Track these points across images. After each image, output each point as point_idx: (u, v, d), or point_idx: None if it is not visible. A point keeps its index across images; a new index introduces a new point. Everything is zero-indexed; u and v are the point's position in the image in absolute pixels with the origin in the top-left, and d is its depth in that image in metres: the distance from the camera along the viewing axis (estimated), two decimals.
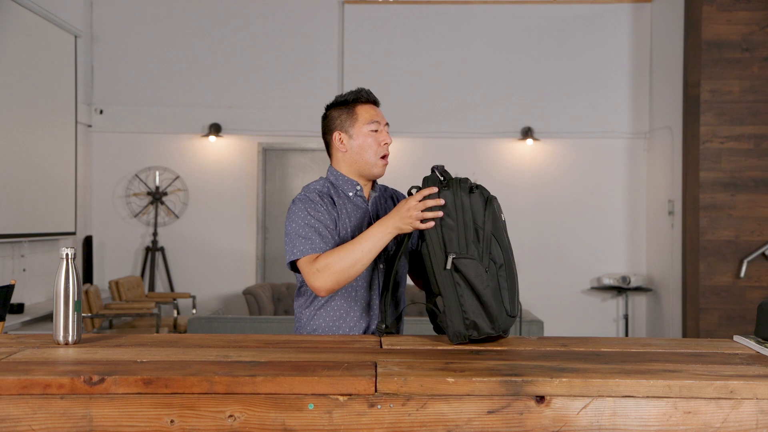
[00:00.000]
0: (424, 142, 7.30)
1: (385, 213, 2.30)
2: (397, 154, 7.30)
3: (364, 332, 2.22)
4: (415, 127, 7.26)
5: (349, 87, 7.19)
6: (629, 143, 7.28)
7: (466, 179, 2.01)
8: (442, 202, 1.95)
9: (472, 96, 7.29)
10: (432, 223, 1.95)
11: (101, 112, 7.27)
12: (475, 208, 1.97)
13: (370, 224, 2.23)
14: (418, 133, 7.27)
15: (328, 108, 2.31)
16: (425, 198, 1.97)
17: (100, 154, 7.33)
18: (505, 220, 2.06)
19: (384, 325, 2.08)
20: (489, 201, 1.99)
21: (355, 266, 2.03)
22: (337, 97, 2.30)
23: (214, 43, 7.33)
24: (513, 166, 7.30)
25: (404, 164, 7.21)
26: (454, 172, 7.63)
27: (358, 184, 2.26)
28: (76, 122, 6.74)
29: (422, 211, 1.96)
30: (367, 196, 2.29)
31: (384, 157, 2.25)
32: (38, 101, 6.12)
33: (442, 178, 2.00)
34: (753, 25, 5.90)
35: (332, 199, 2.23)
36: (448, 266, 1.92)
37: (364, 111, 2.24)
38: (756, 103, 5.92)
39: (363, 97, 2.26)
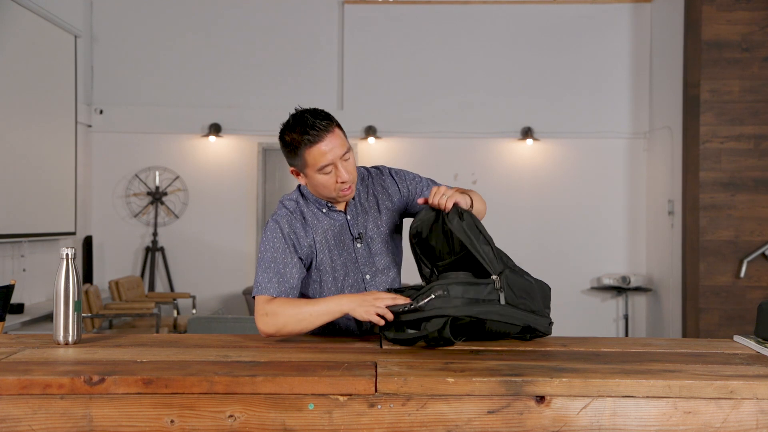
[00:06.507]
0: (424, 142, 7.30)
1: (369, 208, 2.20)
2: (397, 154, 7.30)
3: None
4: (415, 127, 7.26)
5: (349, 87, 7.19)
6: (629, 143, 7.28)
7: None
8: (407, 300, 1.88)
9: (472, 96, 7.29)
10: (382, 321, 1.88)
11: (101, 112, 7.26)
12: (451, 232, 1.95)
13: (351, 233, 2.15)
14: (418, 133, 7.27)
15: (280, 136, 2.07)
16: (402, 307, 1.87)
17: (100, 154, 7.33)
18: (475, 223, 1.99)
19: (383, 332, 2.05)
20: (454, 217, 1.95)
21: (300, 324, 1.96)
22: (281, 133, 2.06)
23: (213, 43, 7.33)
24: (513, 166, 7.30)
25: (404, 165, 7.21)
26: (454, 171, 7.59)
27: (329, 202, 2.15)
28: (76, 122, 6.74)
29: (386, 307, 1.88)
30: (343, 208, 2.17)
31: (345, 188, 2.07)
32: (38, 101, 6.12)
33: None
34: (753, 25, 5.90)
35: (303, 216, 2.13)
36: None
37: (311, 156, 2.01)
38: (756, 103, 5.91)
39: (306, 141, 1.99)
